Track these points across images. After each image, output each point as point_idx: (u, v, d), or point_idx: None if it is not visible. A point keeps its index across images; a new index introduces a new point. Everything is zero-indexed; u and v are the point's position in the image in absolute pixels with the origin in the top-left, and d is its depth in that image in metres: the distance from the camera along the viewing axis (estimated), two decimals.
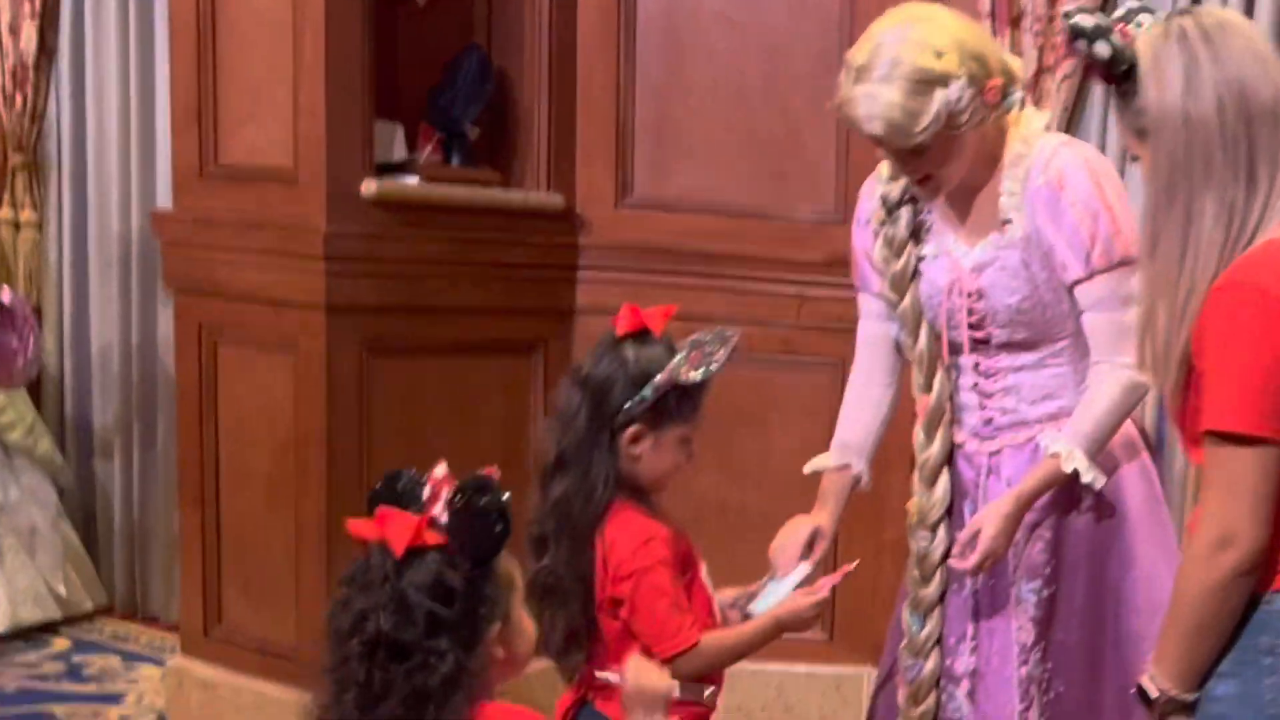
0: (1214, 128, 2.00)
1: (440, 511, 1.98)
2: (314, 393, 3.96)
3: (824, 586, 2.67)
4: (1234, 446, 1.96)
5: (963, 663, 2.78)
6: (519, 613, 2.09)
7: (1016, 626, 2.73)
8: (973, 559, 2.62)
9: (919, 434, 2.79)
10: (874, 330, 2.88)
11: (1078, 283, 2.62)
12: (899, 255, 2.75)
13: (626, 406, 2.55)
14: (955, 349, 2.76)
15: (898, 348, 2.84)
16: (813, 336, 4.18)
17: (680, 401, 2.58)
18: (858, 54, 2.54)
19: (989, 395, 2.76)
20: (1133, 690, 2.15)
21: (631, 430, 2.57)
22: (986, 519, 2.63)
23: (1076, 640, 2.71)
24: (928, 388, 2.76)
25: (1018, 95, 2.60)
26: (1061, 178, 2.60)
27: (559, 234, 4.35)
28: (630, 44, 4.30)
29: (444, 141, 4.28)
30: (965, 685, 2.78)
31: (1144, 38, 2.08)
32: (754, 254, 4.23)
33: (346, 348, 3.96)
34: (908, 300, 2.75)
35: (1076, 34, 2.11)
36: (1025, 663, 2.72)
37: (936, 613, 2.78)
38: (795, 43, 4.19)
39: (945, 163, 2.58)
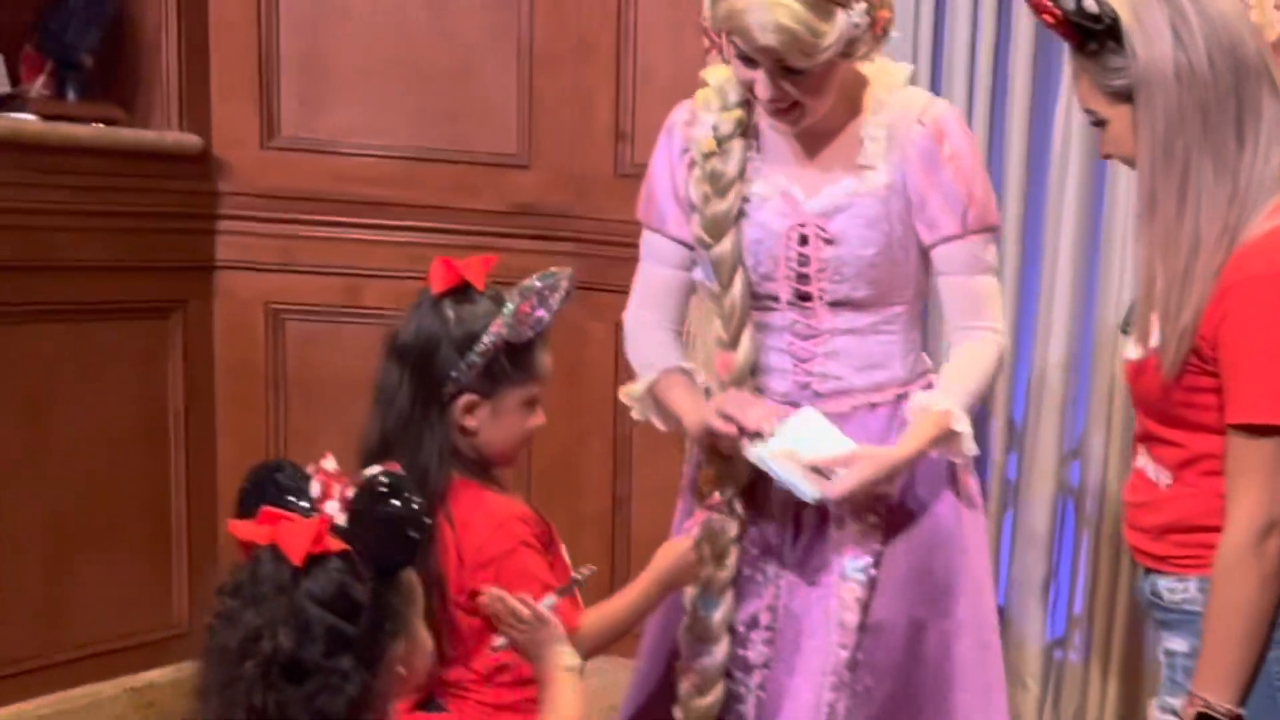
0: (1207, 82, 1.91)
1: (337, 512, 1.76)
2: None
3: (693, 528, 2.44)
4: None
5: (756, 651, 2.53)
6: (419, 627, 1.85)
7: (839, 607, 2.48)
8: (841, 488, 2.34)
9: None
10: (664, 275, 2.58)
11: (945, 240, 2.42)
12: (724, 194, 2.45)
13: (454, 375, 2.24)
14: (772, 305, 2.49)
15: (687, 296, 2.58)
16: None
17: (515, 360, 2.28)
18: None
19: (806, 359, 2.50)
20: None
21: (464, 400, 2.26)
22: (872, 460, 2.35)
23: (895, 628, 2.49)
24: (734, 344, 2.48)
25: (895, 34, 2.38)
26: (940, 130, 2.40)
27: (195, 179, 3.82)
28: None
29: (56, 72, 3.70)
30: (757, 677, 2.53)
31: None
32: (426, 202, 3.85)
33: None
34: (726, 244, 2.45)
35: None
36: (846, 646, 2.47)
37: (729, 595, 2.52)
38: None
39: (819, 92, 2.32)
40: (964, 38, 3.49)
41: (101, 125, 3.68)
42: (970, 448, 2.41)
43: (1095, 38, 1.94)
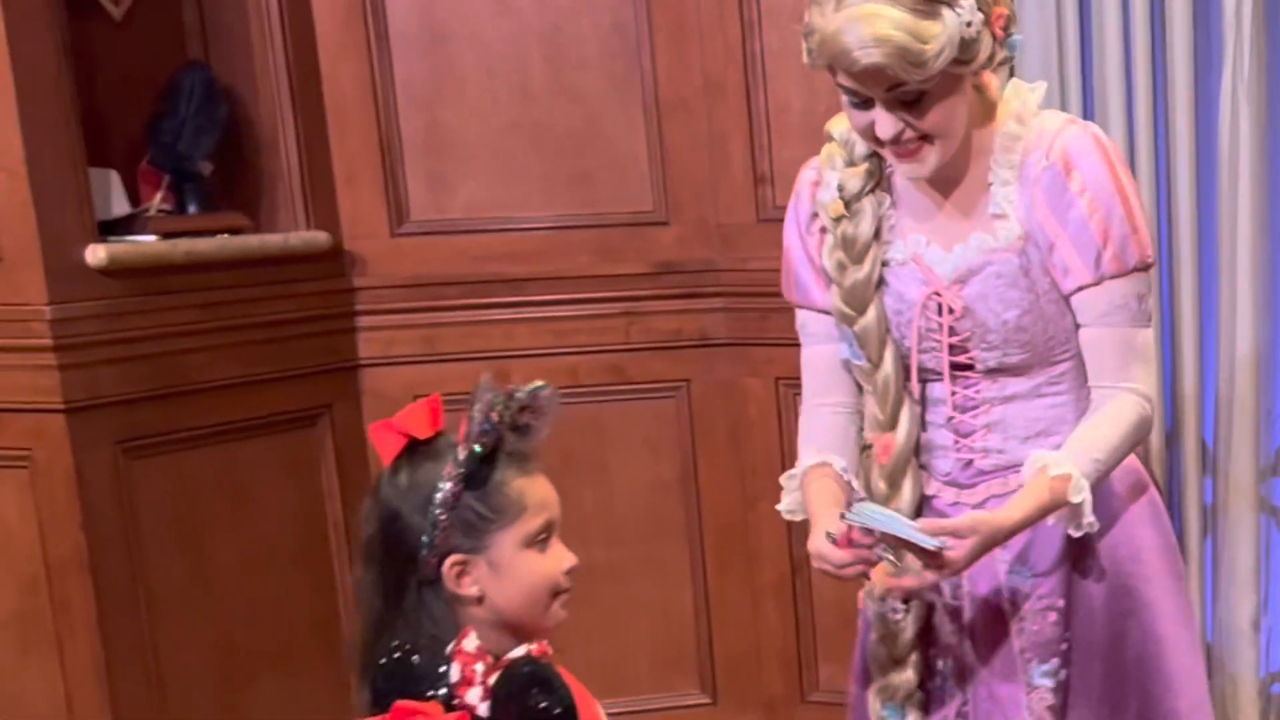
0: None
1: (478, 701, 1.70)
2: (64, 511, 3.23)
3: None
4: None
5: None
6: None
7: (1029, 717, 2.23)
8: (957, 555, 2.04)
9: (879, 483, 2.26)
10: (824, 353, 2.32)
11: (1082, 289, 2.14)
12: (860, 260, 2.20)
13: (424, 541, 1.86)
14: (926, 376, 2.24)
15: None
16: (646, 359, 3.63)
17: (487, 499, 1.88)
18: None
19: (968, 434, 2.25)
20: None
21: (449, 565, 1.87)
22: (981, 532, 2.05)
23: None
24: (891, 424, 2.24)
25: (1019, 38, 2.10)
26: (1068, 160, 2.10)
27: (328, 277, 3.66)
28: (382, 41, 3.62)
29: (174, 185, 3.57)
30: None
31: None
32: (565, 272, 3.65)
33: (96, 451, 3.24)
34: (871, 315, 2.21)
35: None
36: None
37: (916, 699, 2.29)
38: (580, 18, 3.61)
39: (943, 116, 2.04)
40: (1115, 30, 3.20)
41: (226, 235, 3.54)
42: (1089, 522, 2.10)
43: None
